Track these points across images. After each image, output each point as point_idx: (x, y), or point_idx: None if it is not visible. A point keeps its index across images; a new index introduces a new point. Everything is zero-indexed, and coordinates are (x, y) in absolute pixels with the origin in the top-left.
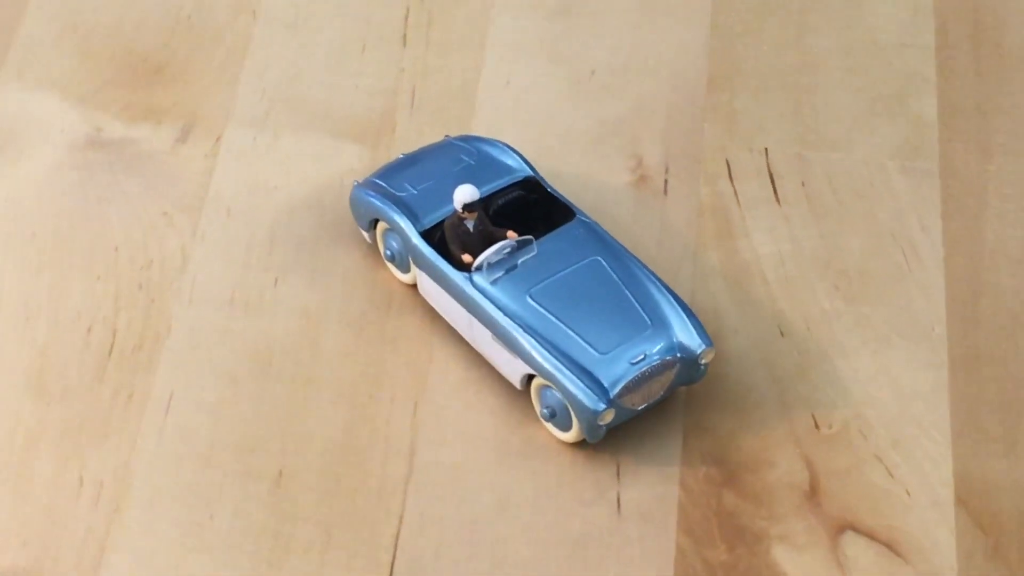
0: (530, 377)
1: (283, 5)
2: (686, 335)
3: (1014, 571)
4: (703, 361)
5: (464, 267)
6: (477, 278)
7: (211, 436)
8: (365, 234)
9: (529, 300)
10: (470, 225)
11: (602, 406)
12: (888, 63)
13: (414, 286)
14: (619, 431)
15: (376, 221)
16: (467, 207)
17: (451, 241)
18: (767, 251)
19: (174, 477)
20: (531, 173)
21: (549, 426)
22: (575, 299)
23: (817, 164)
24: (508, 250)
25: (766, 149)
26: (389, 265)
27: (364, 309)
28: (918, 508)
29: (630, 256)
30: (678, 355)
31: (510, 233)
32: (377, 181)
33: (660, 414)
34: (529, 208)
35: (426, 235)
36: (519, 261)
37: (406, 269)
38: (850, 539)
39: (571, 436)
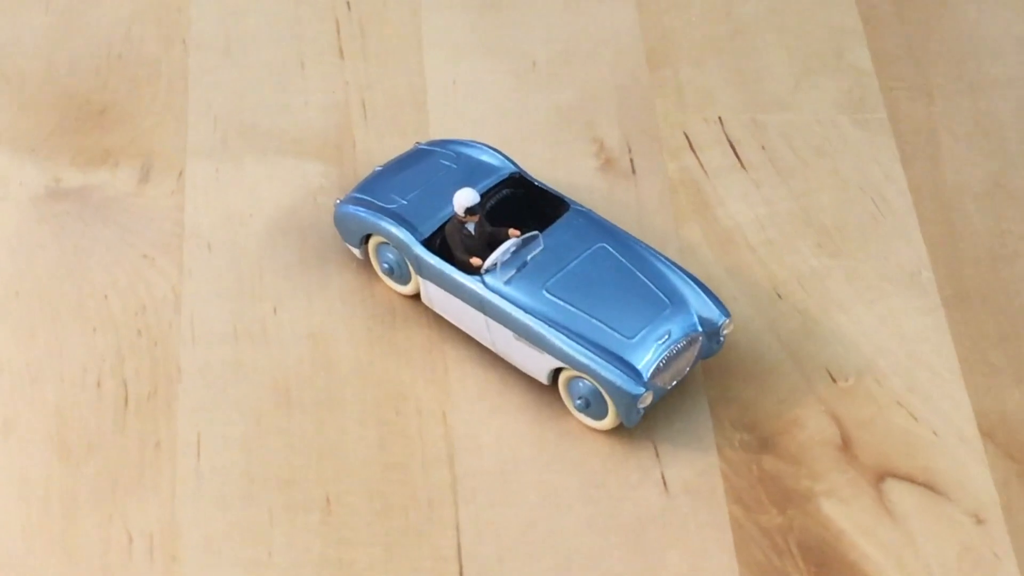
0: (556, 372)
1: (211, 32)
2: (705, 309)
3: None
4: (724, 332)
5: (473, 270)
6: (490, 280)
7: (248, 472)
8: (355, 251)
9: (546, 294)
10: (471, 228)
11: (641, 389)
12: (815, 19)
13: (414, 296)
14: (648, 412)
15: (368, 236)
16: (469, 211)
17: (454, 246)
18: (745, 217)
19: (222, 518)
20: (515, 169)
21: (582, 417)
22: (591, 288)
23: (771, 127)
24: (515, 248)
25: (720, 118)
26: (386, 279)
27: (369, 325)
28: (947, 447)
29: (632, 238)
30: (700, 329)
31: (512, 231)
32: (360, 196)
33: (683, 389)
34: (519, 204)
35: (426, 244)
36: (528, 258)
37: (405, 281)
38: (891, 485)
39: (606, 424)
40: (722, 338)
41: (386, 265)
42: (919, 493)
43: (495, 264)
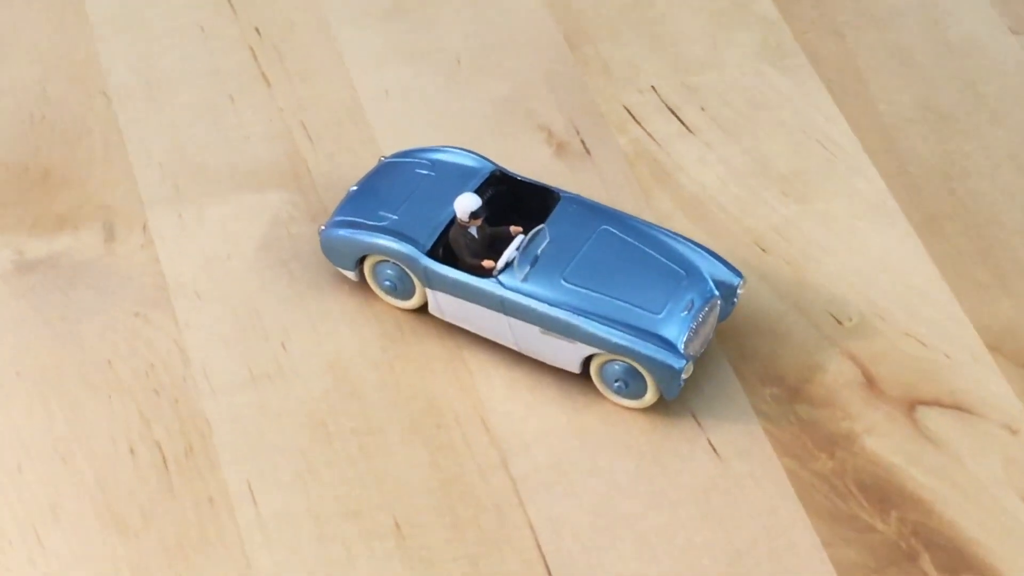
0: (587, 359)
1: (129, 80)
2: (718, 272)
3: None
4: (740, 292)
5: (486, 273)
6: (506, 279)
7: (311, 511)
8: (349, 274)
9: (566, 284)
10: (474, 232)
11: (683, 361)
12: None
13: (418, 309)
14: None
15: (363, 258)
16: (473, 215)
17: (461, 252)
18: (707, 179)
19: (300, 561)
20: (495, 167)
21: (619, 399)
22: (607, 271)
23: (703, 88)
24: (524, 244)
25: (652, 87)
26: (386, 297)
27: (382, 345)
28: (962, 367)
29: (629, 216)
30: (717, 293)
31: (514, 228)
32: (346, 219)
33: (703, 355)
34: (504, 201)
35: (429, 255)
36: (538, 251)
37: (408, 296)
38: (923, 413)
39: (644, 402)
40: (736, 299)
41: (388, 283)
42: (951, 415)
43: (508, 263)
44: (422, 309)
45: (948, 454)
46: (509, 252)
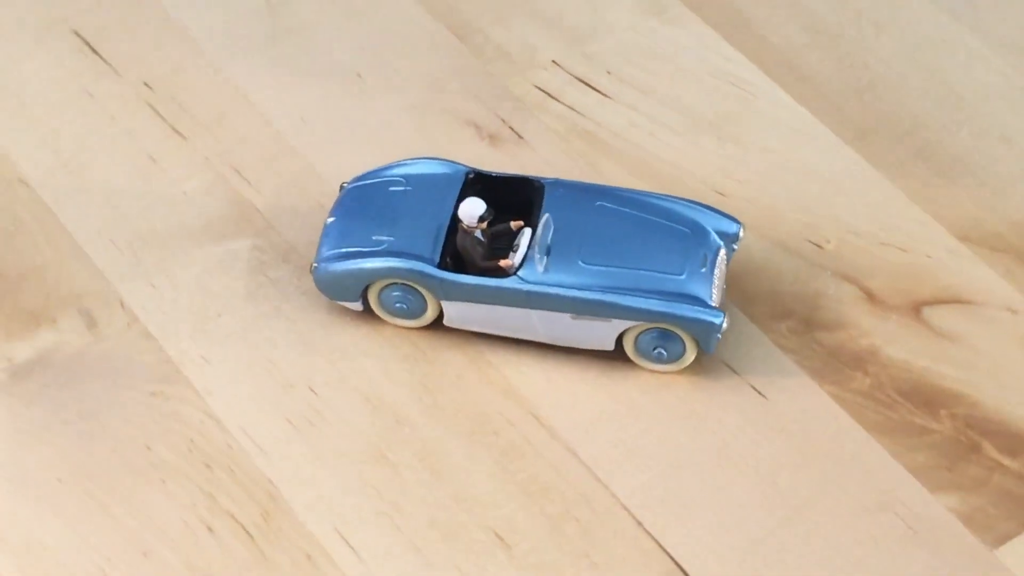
0: (619, 335)
1: (41, 162)
2: (717, 223)
3: None
4: (741, 237)
5: (504, 272)
6: (527, 274)
7: (410, 543)
8: (352, 305)
9: (586, 266)
10: (479, 235)
11: (720, 315)
12: None
13: (428, 326)
14: None
15: (366, 287)
16: (481, 219)
17: (473, 257)
18: (643, 140)
19: None
20: (467, 168)
21: (656, 366)
22: (618, 244)
23: (602, 53)
24: (534, 237)
25: (554, 62)
26: (395, 320)
27: (407, 367)
28: (945, 262)
29: (616, 187)
30: (721, 243)
31: (515, 223)
32: (339, 252)
33: None
34: (486, 200)
35: (439, 267)
36: (548, 240)
37: (420, 314)
38: (930, 313)
39: (681, 364)
40: (736, 245)
41: (399, 305)
42: (954, 309)
43: (525, 259)
44: (431, 325)
45: (966, 345)
46: (523, 247)
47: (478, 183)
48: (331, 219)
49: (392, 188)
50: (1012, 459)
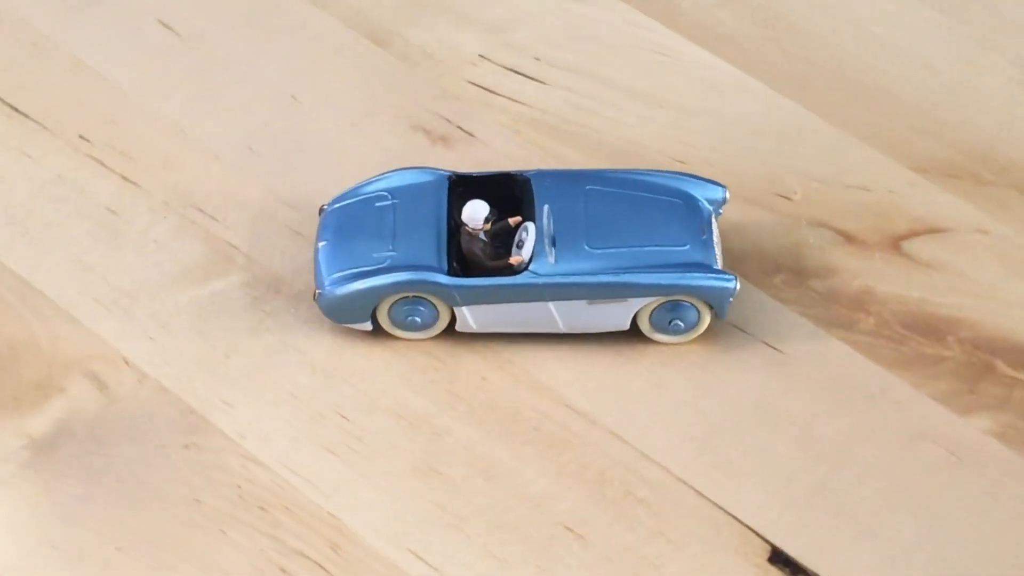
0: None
1: (1, 236)
2: (704, 191)
3: (995, 177)
4: (727, 201)
5: (516, 269)
6: (539, 268)
7: (487, 552)
8: (362, 326)
9: (594, 251)
10: (483, 236)
11: (733, 279)
12: None
13: (438, 335)
14: None
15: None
16: (486, 219)
17: (480, 259)
18: (592, 121)
19: None
20: (448, 172)
21: (673, 338)
22: (618, 225)
23: (525, 41)
24: (538, 230)
25: (481, 56)
26: (408, 334)
27: (429, 378)
28: (908, 195)
29: (599, 170)
30: (711, 208)
31: (513, 219)
32: (343, 274)
33: None
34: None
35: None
36: (551, 231)
37: (432, 324)
38: (910, 246)
39: (695, 333)
40: (721, 210)
41: (412, 319)
42: (930, 239)
43: (534, 253)
44: (440, 337)
45: (951, 271)
46: (529, 242)
47: (462, 185)
48: (322, 243)
49: (378, 203)
50: None
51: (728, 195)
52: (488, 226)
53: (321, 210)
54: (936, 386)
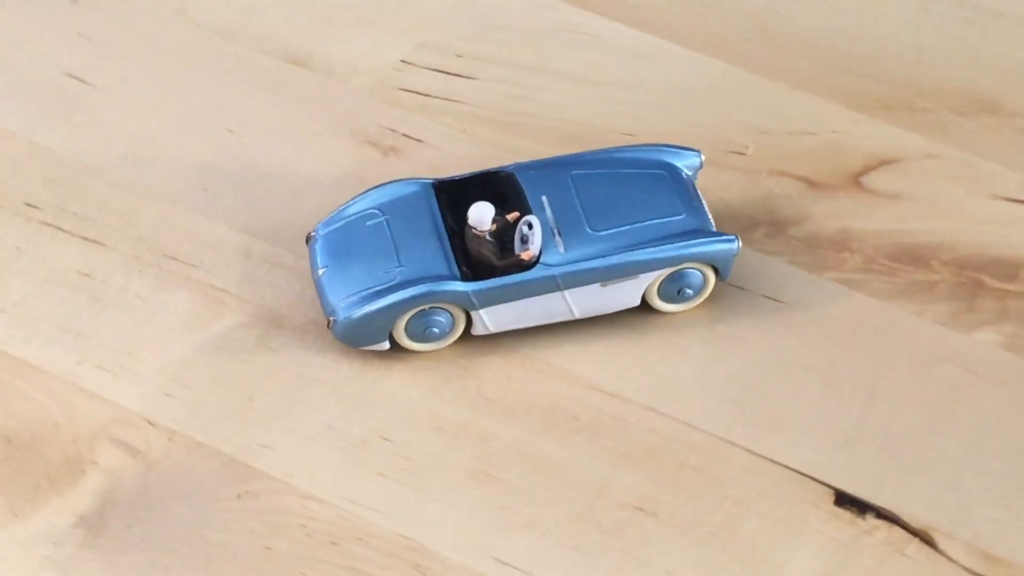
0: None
1: None
2: (681, 158)
3: (928, 103)
4: (703, 164)
5: (528, 265)
6: (550, 259)
7: (564, 545)
8: (380, 346)
9: (598, 234)
10: (488, 236)
11: (735, 238)
12: None
13: (454, 343)
14: None
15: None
16: (492, 220)
17: (490, 259)
18: (533, 108)
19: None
20: (431, 180)
21: (681, 306)
22: (613, 204)
23: (439, 40)
24: (541, 222)
25: (403, 60)
26: (426, 346)
27: (457, 386)
28: (853, 133)
29: (576, 154)
30: (690, 174)
31: (511, 215)
32: (355, 296)
33: None
34: (458, 204)
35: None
36: (555, 223)
37: (447, 333)
38: (868, 180)
39: (701, 298)
40: (697, 175)
41: (433, 330)
42: (886, 170)
43: (543, 245)
44: (455, 345)
45: (914, 199)
46: (536, 236)
47: (447, 190)
48: (322, 270)
49: (369, 222)
50: (1011, 283)
51: (703, 159)
52: (494, 227)
53: (309, 238)
54: (936, 310)
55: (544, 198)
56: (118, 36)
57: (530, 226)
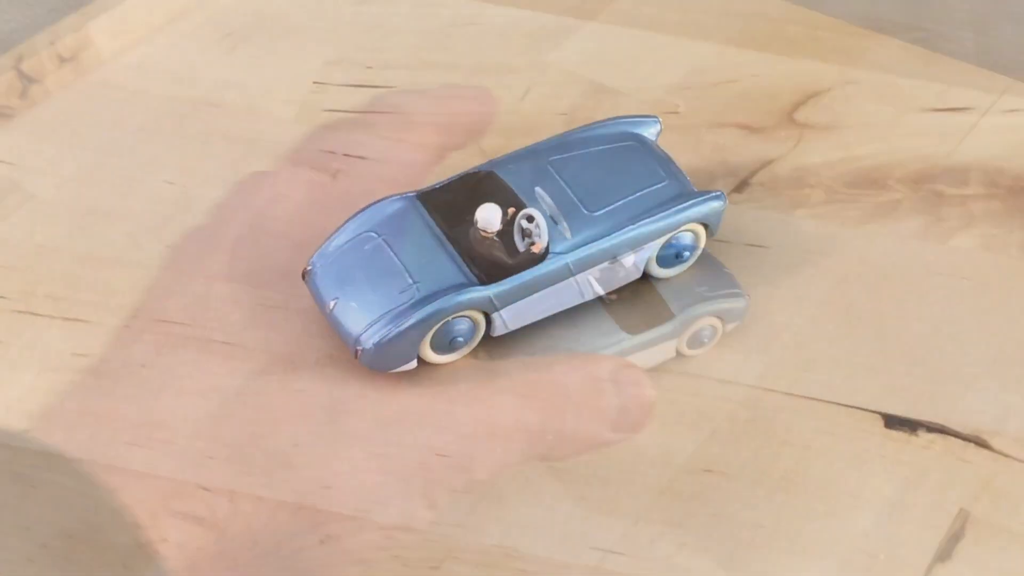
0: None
1: None
2: (643, 127)
3: (828, 34)
4: (660, 130)
5: (539, 257)
6: (559, 247)
7: (657, 520)
8: (407, 366)
9: (596, 214)
10: (495, 237)
11: (722, 193)
12: None
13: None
14: None
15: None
16: (499, 221)
17: (504, 258)
18: (460, 105)
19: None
20: (412, 194)
21: (677, 269)
22: (599, 183)
23: (341, 55)
24: (542, 214)
25: (315, 82)
26: (450, 357)
27: (496, 389)
28: (769, 73)
29: (544, 141)
30: (654, 140)
31: (509, 211)
32: (377, 319)
33: None
34: (446, 210)
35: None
36: (555, 211)
37: (470, 340)
38: (800, 116)
39: (694, 258)
40: (657, 139)
41: (456, 339)
42: (814, 103)
43: (550, 236)
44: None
45: (849, 124)
46: (542, 228)
47: (427, 200)
48: (333, 302)
49: (367, 246)
50: (966, 187)
51: (661, 124)
52: (500, 227)
53: (305, 273)
54: (908, 225)
55: (537, 189)
56: (27, 110)
57: (530, 219)
